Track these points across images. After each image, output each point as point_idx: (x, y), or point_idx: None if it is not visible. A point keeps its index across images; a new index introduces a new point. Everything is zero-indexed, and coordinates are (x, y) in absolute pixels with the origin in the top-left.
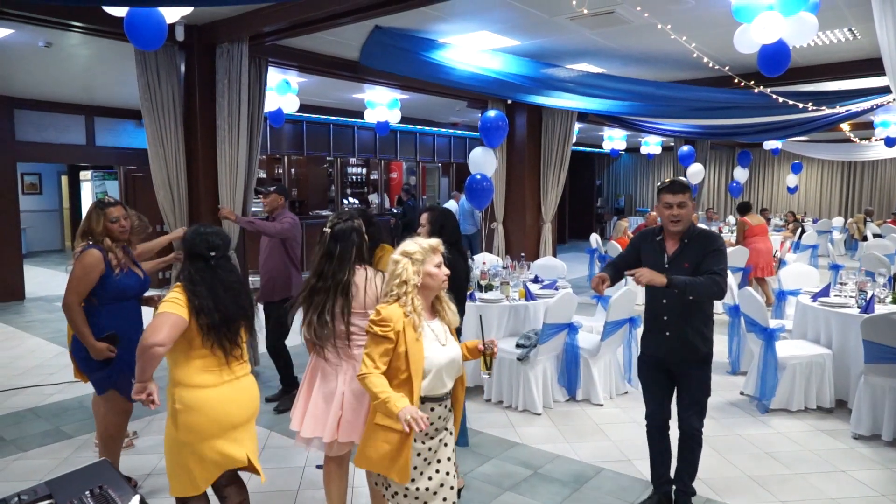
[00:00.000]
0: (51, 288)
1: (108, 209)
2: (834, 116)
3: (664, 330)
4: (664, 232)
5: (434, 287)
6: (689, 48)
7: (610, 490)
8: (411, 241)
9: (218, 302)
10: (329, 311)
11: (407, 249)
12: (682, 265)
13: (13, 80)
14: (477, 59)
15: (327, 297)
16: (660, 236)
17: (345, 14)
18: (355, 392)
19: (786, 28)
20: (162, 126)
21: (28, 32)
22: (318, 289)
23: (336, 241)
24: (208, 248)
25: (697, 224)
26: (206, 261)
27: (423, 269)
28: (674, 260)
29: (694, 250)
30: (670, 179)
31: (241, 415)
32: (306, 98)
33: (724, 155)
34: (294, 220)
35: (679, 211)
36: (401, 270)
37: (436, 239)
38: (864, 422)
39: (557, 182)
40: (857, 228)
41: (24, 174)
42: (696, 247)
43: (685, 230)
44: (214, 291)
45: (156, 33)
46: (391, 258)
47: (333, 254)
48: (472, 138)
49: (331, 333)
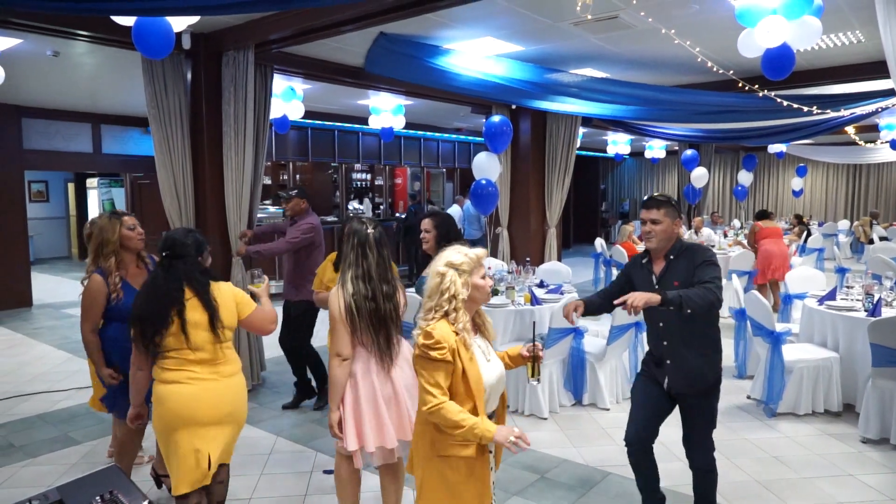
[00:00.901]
0: (58, 295)
1: (124, 217)
2: (839, 119)
3: (665, 357)
4: (650, 254)
5: (480, 300)
6: (693, 52)
7: (616, 494)
8: (455, 251)
9: (145, 300)
10: (395, 312)
11: (453, 260)
12: (672, 283)
13: (21, 88)
14: (481, 64)
15: (391, 300)
16: (646, 258)
17: (349, 21)
18: (408, 386)
19: (790, 32)
20: (169, 133)
21: (36, 42)
22: (386, 294)
23: (383, 246)
24: (162, 248)
25: (702, 229)
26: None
27: (470, 280)
28: (662, 279)
29: (681, 266)
30: (650, 195)
31: (206, 414)
32: (311, 104)
33: (729, 158)
34: (312, 225)
35: (651, 227)
36: (448, 284)
37: (482, 249)
38: (873, 425)
39: (562, 187)
40: (863, 231)
41: (32, 182)
42: (684, 262)
43: (671, 247)
44: (145, 289)
45: (164, 42)
46: (434, 270)
47: (385, 257)
48: (477, 143)
49: (396, 333)
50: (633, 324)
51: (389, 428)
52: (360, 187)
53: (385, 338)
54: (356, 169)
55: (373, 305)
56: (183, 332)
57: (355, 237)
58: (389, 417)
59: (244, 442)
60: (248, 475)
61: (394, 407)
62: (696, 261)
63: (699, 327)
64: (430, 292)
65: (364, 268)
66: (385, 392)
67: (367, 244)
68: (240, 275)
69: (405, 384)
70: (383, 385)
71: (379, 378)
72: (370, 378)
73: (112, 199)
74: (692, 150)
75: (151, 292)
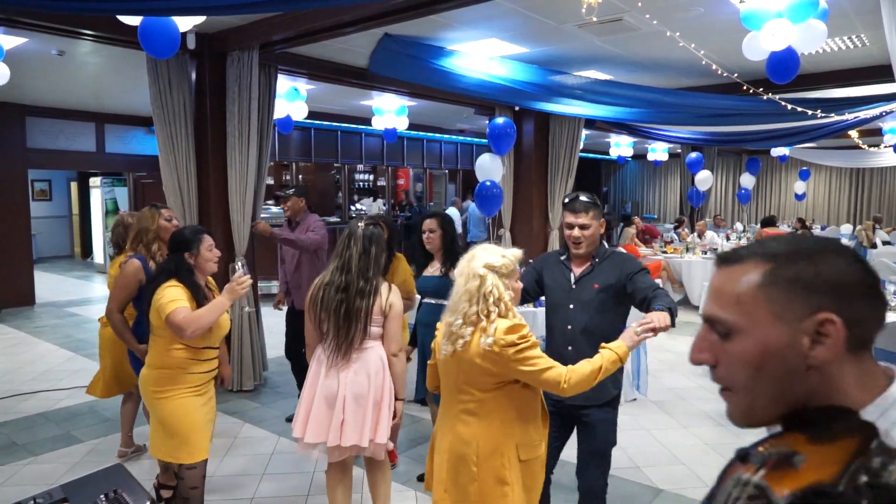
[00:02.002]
0: (60, 294)
1: (162, 210)
2: (842, 123)
3: (567, 362)
4: (569, 251)
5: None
6: (698, 55)
7: (618, 497)
8: (491, 252)
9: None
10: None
11: (492, 262)
12: (591, 286)
13: (25, 88)
14: (485, 66)
15: (364, 298)
16: (564, 255)
17: (353, 23)
18: (356, 395)
19: (795, 35)
20: (173, 133)
21: (41, 41)
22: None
23: (371, 243)
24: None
25: (705, 233)
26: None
27: (510, 283)
28: (581, 280)
29: (606, 271)
30: (574, 194)
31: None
32: (315, 105)
33: (732, 162)
34: (323, 222)
35: (581, 233)
36: (490, 287)
37: (518, 250)
38: None
39: (565, 188)
40: (866, 236)
41: (35, 181)
42: (611, 267)
43: (595, 249)
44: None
45: (169, 42)
46: (470, 271)
47: (371, 254)
48: (480, 145)
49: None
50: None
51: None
52: (365, 188)
53: (345, 335)
54: (359, 170)
55: (342, 297)
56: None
57: (347, 230)
58: (329, 417)
59: (246, 442)
60: (250, 475)
61: (339, 409)
62: (631, 269)
63: (609, 332)
64: (469, 296)
65: (345, 258)
66: (328, 390)
67: (353, 237)
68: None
69: (355, 392)
70: (326, 382)
71: (325, 374)
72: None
73: (115, 198)
74: (696, 152)
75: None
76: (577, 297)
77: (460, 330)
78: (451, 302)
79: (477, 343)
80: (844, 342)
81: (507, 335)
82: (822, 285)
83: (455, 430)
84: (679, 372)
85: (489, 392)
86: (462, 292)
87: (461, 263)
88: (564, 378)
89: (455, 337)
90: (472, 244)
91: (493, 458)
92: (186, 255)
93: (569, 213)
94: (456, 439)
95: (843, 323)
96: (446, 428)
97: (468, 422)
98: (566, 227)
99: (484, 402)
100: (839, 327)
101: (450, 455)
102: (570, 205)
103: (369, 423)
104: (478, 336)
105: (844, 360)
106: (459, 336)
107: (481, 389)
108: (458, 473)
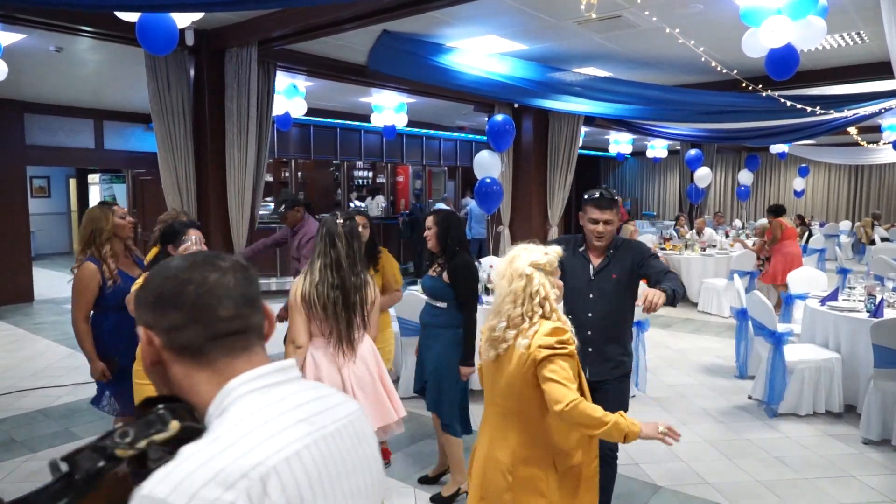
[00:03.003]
0: (59, 290)
1: (114, 207)
2: (842, 120)
3: (587, 345)
4: (586, 242)
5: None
6: (697, 52)
7: (618, 493)
8: (534, 250)
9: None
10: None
11: (537, 260)
12: (610, 276)
13: (24, 84)
14: (484, 63)
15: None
16: (582, 247)
17: (352, 19)
18: (362, 387)
19: (794, 32)
20: (171, 130)
21: (39, 37)
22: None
23: (353, 238)
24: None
25: (704, 229)
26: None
27: (553, 280)
28: (600, 271)
29: (622, 260)
30: (598, 191)
31: None
32: (314, 102)
33: (731, 159)
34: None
35: (605, 228)
36: (538, 287)
37: (558, 247)
38: (874, 427)
39: (564, 185)
40: (865, 232)
41: (33, 177)
42: (626, 256)
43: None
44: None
45: (167, 38)
46: (515, 271)
47: (355, 249)
48: (479, 142)
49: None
50: (634, 323)
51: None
52: (366, 185)
53: (346, 328)
54: (358, 167)
55: (339, 294)
56: None
57: (324, 227)
58: None
59: None
60: None
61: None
62: (643, 255)
63: (622, 317)
64: (514, 296)
65: (332, 256)
66: (336, 385)
67: (335, 234)
68: None
69: (360, 385)
70: (333, 379)
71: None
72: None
73: (114, 194)
74: (696, 149)
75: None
76: (596, 287)
77: (504, 333)
78: (494, 305)
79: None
80: (164, 348)
81: (547, 337)
82: (145, 299)
83: (492, 436)
84: (678, 369)
85: (527, 399)
86: (506, 294)
87: (501, 266)
88: (571, 401)
89: (498, 341)
90: (474, 241)
91: (529, 467)
92: (170, 247)
93: (594, 209)
94: (492, 446)
95: (156, 332)
96: (485, 435)
97: (505, 428)
98: (590, 221)
99: (521, 410)
100: (151, 336)
101: (486, 461)
102: (597, 201)
103: (387, 402)
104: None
105: (175, 361)
106: (503, 340)
107: (519, 396)
108: (493, 481)
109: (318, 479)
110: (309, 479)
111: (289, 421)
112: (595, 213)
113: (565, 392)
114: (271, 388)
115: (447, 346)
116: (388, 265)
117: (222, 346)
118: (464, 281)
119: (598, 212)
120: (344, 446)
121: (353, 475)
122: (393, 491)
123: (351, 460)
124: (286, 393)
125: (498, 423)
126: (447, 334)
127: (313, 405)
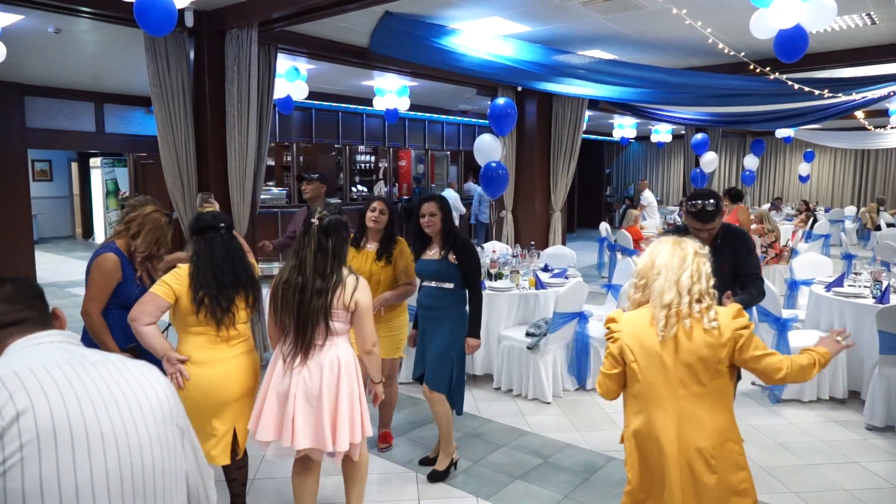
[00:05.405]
0: (61, 274)
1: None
2: (849, 104)
3: None
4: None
5: None
6: (705, 34)
7: (620, 479)
8: (688, 241)
9: (216, 269)
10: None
11: (698, 248)
12: (722, 265)
13: (23, 66)
14: (488, 45)
15: (322, 296)
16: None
17: (353, 0)
18: (306, 392)
19: (804, 12)
20: (172, 113)
21: (38, 18)
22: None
23: (328, 236)
24: (217, 220)
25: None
26: (216, 229)
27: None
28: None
29: (728, 250)
30: (699, 203)
31: (234, 391)
32: (315, 85)
33: (736, 143)
34: None
35: (708, 234)
36: (709, 269)
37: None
38: (878, 413)
39: (567, 170)
40: (870, 218)
41: (35, 161)
42: (731, 245)
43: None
44: (214, 260)
45: (166, 18)
46: (689, 250)
47: (327, 249)
48: (482, 126)
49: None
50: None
51: (288, 426)
52: (367, 169)
53: (301, 334)
54: (360, 151)
55: (299, 298)
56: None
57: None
58: (280, 415)
59: None
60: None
61: (290, 407)
62: (743, 248)
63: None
64: (691, 273)
65: (300, 257)
66: (280, 387)
67: (308, 234)
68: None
69: (305, 390)
70: (281, 379)
71: (282, 371)
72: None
73: (115, 178)
74: (702, 134)
75: (219, 260)
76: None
77: (688, 308)
78: (662, 283)
79: (700, 326)
80: None
81: (738, 318)
82: None
83: (680, 429)
84: None
85: (724, 374)
86: (679, 267)
87: (662, 247)
88: (787, 366)
89: (681, 316)
90: (481, 226)
91: (727, 443)
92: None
93: (696, 222)
94: (685, 439)
95: None
96: (667, 433)
97: (697, 413)
98: (693, 229)
99: (720, 386)
100: None
101: (680, 451)
102: (699, 215)
103: (327, 428)
104: (700, 319)
105: None
106: (687, 315)
107: (716, 373)
108: (694, 469)
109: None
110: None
111: (43, 356)
112: (696, 224)
113: (778, 359)
114: (36, 346)
115: (459, 323)
116: (401, 257)
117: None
118: (472, 259)
119: (699, 224)
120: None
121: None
122: (395, 475)
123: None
124: (49, 347)
125: (686, 411)
126: (459, 312)
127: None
